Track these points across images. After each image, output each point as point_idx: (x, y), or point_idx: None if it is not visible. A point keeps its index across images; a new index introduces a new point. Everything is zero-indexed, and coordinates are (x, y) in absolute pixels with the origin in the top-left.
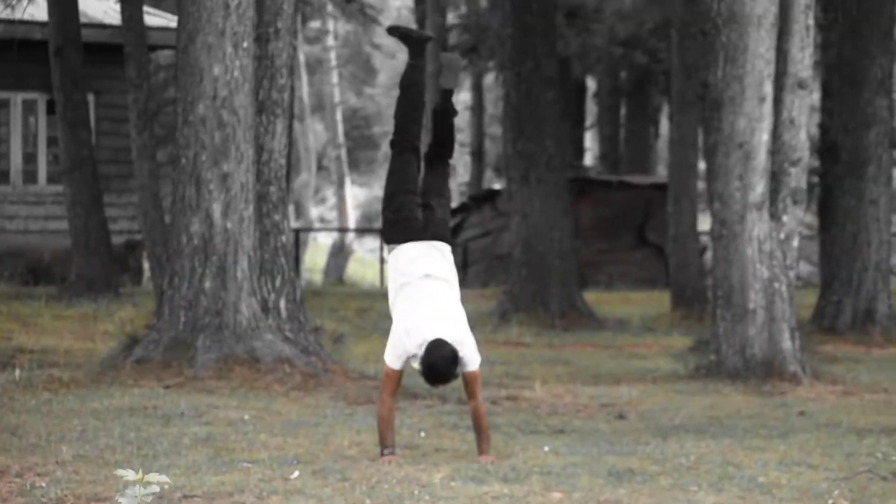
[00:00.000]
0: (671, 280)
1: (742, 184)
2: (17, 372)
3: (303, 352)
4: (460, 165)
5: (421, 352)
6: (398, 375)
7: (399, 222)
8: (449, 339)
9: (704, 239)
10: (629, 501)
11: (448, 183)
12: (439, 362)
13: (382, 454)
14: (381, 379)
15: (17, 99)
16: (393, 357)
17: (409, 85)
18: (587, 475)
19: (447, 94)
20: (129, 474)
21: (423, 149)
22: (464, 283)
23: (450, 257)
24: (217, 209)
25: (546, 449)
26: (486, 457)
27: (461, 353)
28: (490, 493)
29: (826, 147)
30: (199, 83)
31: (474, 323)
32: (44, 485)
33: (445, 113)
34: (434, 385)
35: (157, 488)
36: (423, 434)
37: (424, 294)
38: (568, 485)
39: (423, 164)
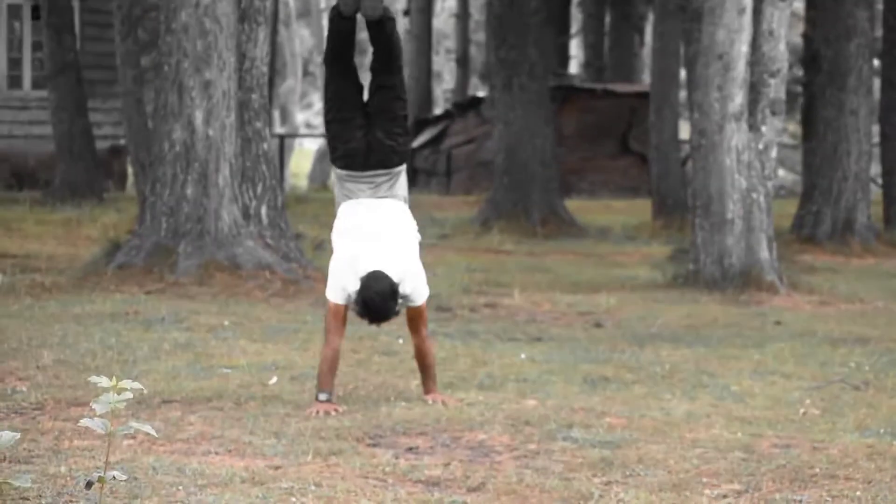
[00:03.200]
0: (653, 189)
1: (721, 94)
2: (0, 276)
3: (283, 258)
4: (446, 72)
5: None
6: (342, 311)
7: (337, 149)
8: (390, 272)
9: (687, 148)
10: (603, 409)
11: (398, 100)
12: (374, 298)
13: (317, 398)
14: (325, 316)
15: (2, 4)
16: (332, 290)
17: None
18: (562, 382)
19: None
20: (103, 381)
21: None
22: (447, 189)
23: (399, 191)
24: (199, 116)
25: (522, 356)
26: (433, 395)
27: (404, 289)
28: (465, 400)
29: (809, 57)
30: None
31: (456, 230)
32: (24, 389)
33: (379, 23)
34: (372, 323)
35: (130, 395)
36: (400, 341)
37: (368, 227)
38: (543, 392)
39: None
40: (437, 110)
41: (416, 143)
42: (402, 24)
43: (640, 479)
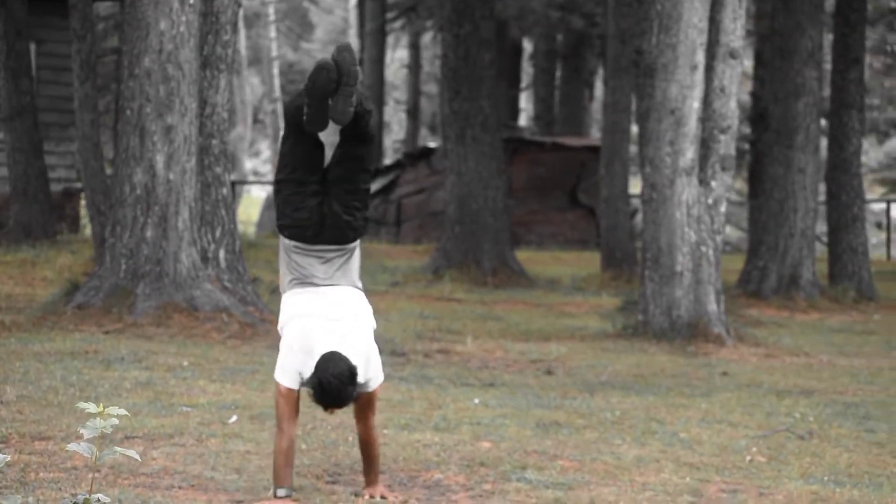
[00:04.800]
0: (602, 241)
1: (673, 149)
2: None
3: (240, 301)
4: (395, 122)
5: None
6: (294, 396)
7: (286, 216)
8: (349, 355)
9: (636, 202)
10: (556, 452)
11: (364, 172)
12: (332, 381)
13: (276, 495)
14: (276, 401)
15: None
16: (283, 373)
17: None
18: (515, 426)
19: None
20: (91, 407)
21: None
22: (397, 239)
23: (352, 272)
24: (160, 160)
25: (476, 401)
26: (374, 488)
27: (365, 374)
28: (422, 441)
29: (757, 115)
30: (146, 37)
31: (408, 278)
32: None
33: (354, 124)
34: (327, 409)
35: (116, 421)
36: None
37: (322, 309)
38: (497, 435)
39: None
40: (387, 160)
41: None
42: None
43: None
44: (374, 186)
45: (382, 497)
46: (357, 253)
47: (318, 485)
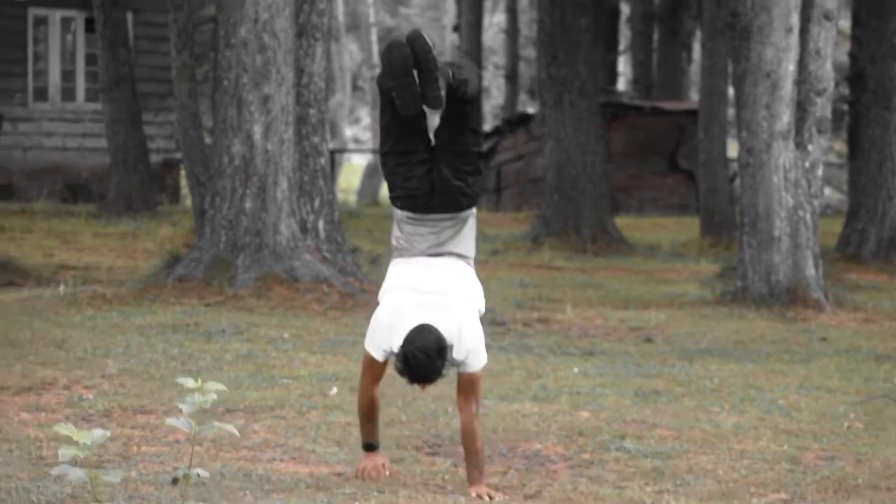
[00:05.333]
0: (701, 207)
1: (769, 113)
2: (61, 288)
3: (340, 272)
4: (494, 87)
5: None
6: (379, 366)
7: (396, 187)
8: (442, 328)
9: (735, 166)
10: (654, 421)
11: (471, 132)
12: (417, 354)
13: (364, 448)
14: (362, 362)
15: (56, 16)
16: (370, 343)
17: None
18: (614, 395)
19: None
20: (189, 382)
21: None
22: (497, 206)
23: (464, 243)
24: (258, 130)
25: (575, 370)
26: (478, 487)
27: (458, 352)
28: (520, 412)
29: (855, 75)
30: (241, 6)
31: (507, 246)
32: (91, 397)
33: (453, 92)
34: (413, 382)
35: (214, 396)
36: None
37: (422, 282)
38: (595, 404)
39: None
40: (486, 126)
41: None
42: (449, 40)
43: (690, 488)
44: None
45: (489, 497)
46: (471, 222)
47: (419, 456)
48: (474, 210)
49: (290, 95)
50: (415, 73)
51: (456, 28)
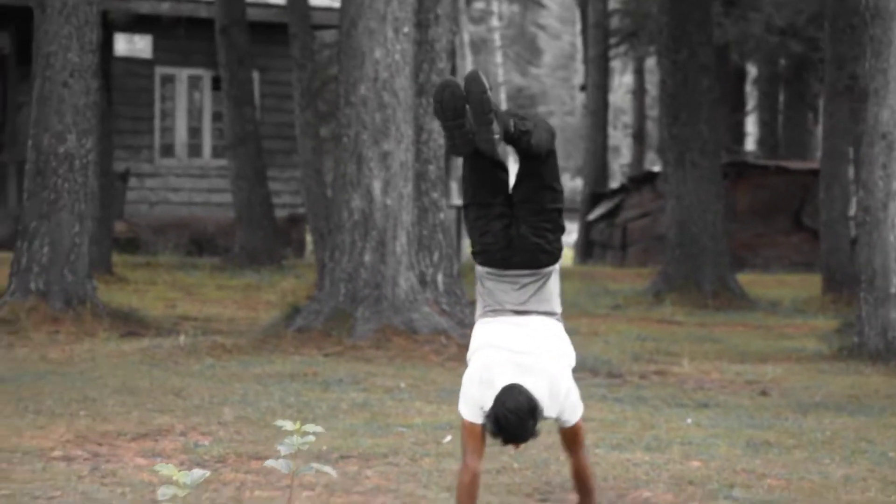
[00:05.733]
0: (822, 264)
1: (885, 173)
2: (182, 338)
3: (458, 324)
4: (624, 146)
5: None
6: (478, 430)
7: (475, 243)
8: (532, 388)
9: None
10: (764, 471)
11: (547, 189)
12: (508, 416)
13: None
14: (461, 434)
15: (183, 75)
16: (465, 406)
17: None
18: (726, 446)
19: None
20: (287, 424)
21: None
22: (622, 262)
23: (548, 300)
24: (377, 186)
25: (689, 421)
26: None
27: (551, 410)
28: (632, 461)
29: None
30: (361, 66)
31: (629, 301)
32: (206, 443)
33: (512, 141)
34: (507, 444)
35: (313, 438)
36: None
37: (509, 341)
38: (707, 454)
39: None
40: (614, 184)
41: (591, 216)
42: (578, 99)
43: None
44: (600, 210)
45: None
46: (554, 277)
47: (528, 502)
48: (557, 266)
49: (409, 152)
50: (468, 114)
51: (583, 88)
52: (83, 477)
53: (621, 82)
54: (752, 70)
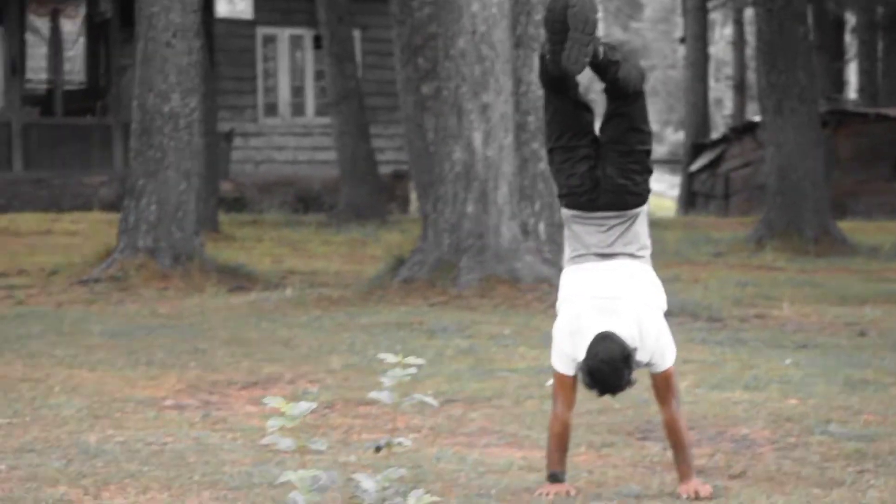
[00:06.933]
0: None
1: None
2: (289, 291)
3: (561, 272)
4: (726, 98)
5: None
6: (569, 381)
7: (561, 184)
8: (623, 334)
9: None
10: (860, 407)
11: (635, 131)
12: (602, 367)
13: (548, 478)
14: (553, 386)
15: (285, 35)
16: (556, 359)
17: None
18: (823, 384)
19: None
20: (390, 357)
21: None
22: (726, 212)
23: (635, 242)
24: (478, 138)
25: (788, 361)
26: (689, 484)
27: (642, 354)
28: (731, 399)
29: None
30: (459, 19)
31: (730, 248)
32: (315, 390)
33: (599, 68)
34: (603, 394)
35: (414, 370)
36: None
37: (597, 288)
38: (804, 392)
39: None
40: (715, 135)
41: (693, 167)
42: (680, 53)
43: (891, 468)
44: (702, 161)
45: (696, 494)
46: (641, 219)
47: (630, 440)
48: (645, 208)
49: (508, 104)
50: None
51: (682, 40)
52: (194, 424)
53: (722, 34)
54: (850, 19)
